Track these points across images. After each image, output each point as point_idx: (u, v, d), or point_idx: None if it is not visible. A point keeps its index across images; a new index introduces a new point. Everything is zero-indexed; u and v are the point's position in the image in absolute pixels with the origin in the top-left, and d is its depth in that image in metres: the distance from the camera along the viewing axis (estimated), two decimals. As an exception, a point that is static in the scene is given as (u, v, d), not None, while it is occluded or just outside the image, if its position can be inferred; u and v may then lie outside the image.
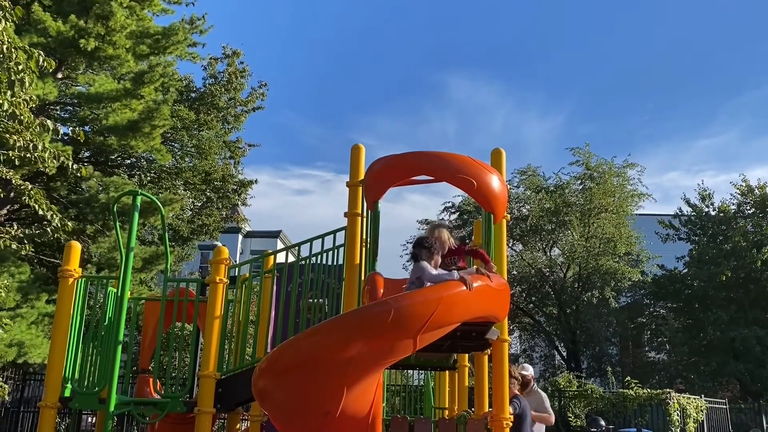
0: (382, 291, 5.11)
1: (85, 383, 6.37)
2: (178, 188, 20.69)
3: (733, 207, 28.28)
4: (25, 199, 10.69)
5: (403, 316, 4.13)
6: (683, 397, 17.12)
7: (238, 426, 7.51)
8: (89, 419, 17.89)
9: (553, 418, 7.34)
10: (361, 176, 6.01)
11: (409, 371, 16.72)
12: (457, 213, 30.25)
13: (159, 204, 7.11)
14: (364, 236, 6.26)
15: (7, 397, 11.22)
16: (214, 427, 15.08)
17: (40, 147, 8.98)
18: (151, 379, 7.64)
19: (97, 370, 6.43)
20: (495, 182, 5.12)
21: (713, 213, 28.38)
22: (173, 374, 6.62)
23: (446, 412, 9.97)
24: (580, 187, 28.41)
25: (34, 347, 13.37)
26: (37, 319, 13.94)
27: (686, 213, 29.23)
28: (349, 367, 4.19)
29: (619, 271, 27.24)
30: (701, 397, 18.32)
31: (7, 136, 8.56)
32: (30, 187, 10.64)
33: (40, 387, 17.17)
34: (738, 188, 28.23)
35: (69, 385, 6.26)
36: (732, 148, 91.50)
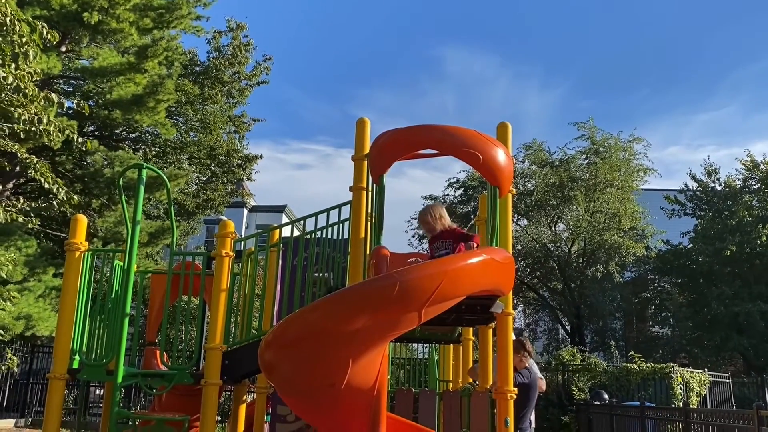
0: (387, 265, 5.11)
1: (93, 355, 6.43)
2: (183, 163, 20.72)
3: (738, 182, 28.17)
4: (30, 173, 10.75)
5: (408, 289, 4.14)
6: (686, 371, 17.20)
7: (244, 398, 7.58)
8: (97, 391, 18.12)
9: (544, 383, 7.46)
10: (366, 150, 5.99)
11: (413, 344, 16.83)
12: (462, 188, 30.20)
13: (165, 177, 7.10)
14: (370, 210, 6.27)
15: (16, 369, 11.34)
16: (221, 399, 15.26)
17: (45, 120, 9.00)
18: (158, 352, 7.71)
19: (104, 343, 6.48)
20: (501, 156, 5.09)
21: (719, 188, 28.29)
22: (180, 347, 6.68)
23: (450, 384, 10.05)
24: (586, 161, 28.29)
25: (41, 320, 13.50)
26: (44, 292, 14.05)
27: (691, 188, 29.14)
28: (355, 340, 4.21)
29: (623, 246, 27.22)
30: (704, 371, 18.41)
31: (12, 109, 8.57)
32: (36, 160, 10.69)
33: (49, 359, 17.37)
34: (743, 163, 28.12)
35: (77, 357, 6.32)
36: (732, 122, 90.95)
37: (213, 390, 6.04)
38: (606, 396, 15.09)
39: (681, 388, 16.24)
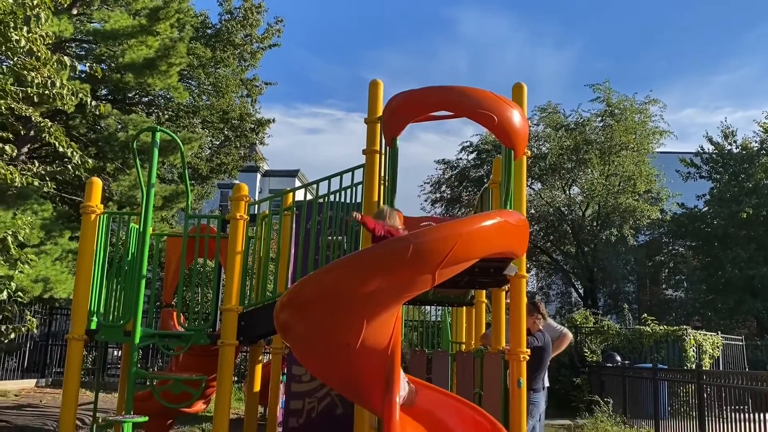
0: (401, 228, 5.12)
1: (111, 317, 6.52)
2: (196, 127, 20.70)
3: (755, 144, 27.82)
4: (45, 137, 10.77)
5: (422, 251, 4.14)
6: (699, 334, 17.22)
7: (260, 358, 7.69)
8: (115, 352, 18.43)
9: (570, 334, 7.50)
10: (379, 112, 5.95)
11: (426, 307, 16.96)
12: (475, 152, 30.03)
13: (178, 140, 7.12)
14: (383, 174, 6.25)
15: (35, 331, 11.54)
16: (237, 360, 15.48)
17: (58, 84, 8.99)
18: (174, 313, 7.81)
19: (121, 305, 6.57)
20: (516, 117, 5.05)
21: (735, 151, 27.96)
22: (196, 309, 6.76)
23: (463, 346, 10.14)
24: (601, 124, 27.99)
25: (59, 283, 13.67)
26: (61, 255, 14.20)
27: (708, 151, 28.82)
28: (369, 301, 4.23)
29: (638, 210, 27.06)
30: (718, 334, 18.43)
31: (25, 72, 8.57)
32: (50, 124, 10.72)
33: (67, 321, 17.66)
34: (761, 125, 27.72)
35: (95, 319, 6.41)
36: (750, 83, 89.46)
37: (229, 350, 6.12)
38: (618, 358, 15.16)
39: (694, 351, 16.27)
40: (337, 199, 7.12)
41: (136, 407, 6.32)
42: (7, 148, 8.78)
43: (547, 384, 6.94)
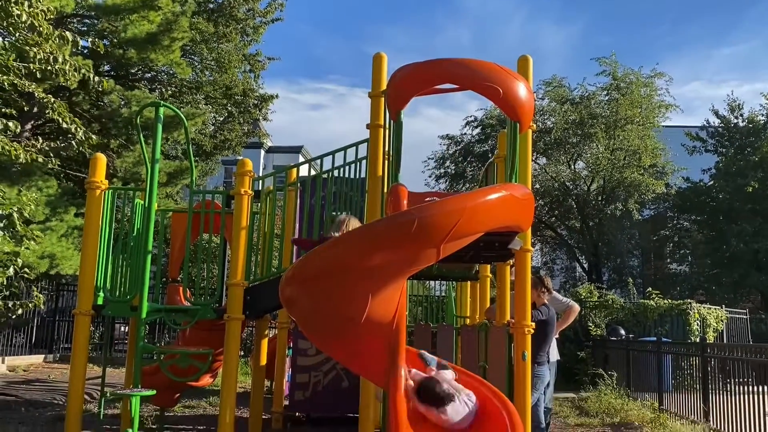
0: (405, 202, 5.10)
1: (117, 293, 6.56)
2: (199, 103, 20.64)
3: (762, 118, 27.64)
4: (48, 113, 10.75)
5: (426, 225, 4.14)
6: (704, 308, 17.25)
7: (266, 332, 7.74)
8: (122, 328, 18.58)
9: (576, 306, 7.51)
10: (383, 86, 5.92)
11: (431, 282, 17.00)
12: (480, 127, 29.91)
13: (182, 116, 7.09)
14: (387, 148, 6.23)
15: (43, 307, 11.61)
16: (244, 334, 15.59)
17: (60, 59, 8.95)
18: (180, 288, 7.85)
19: (127, 280, 6.61)
20: (522, 90, 5.01)
21: (742, 124, 27.78)
22: (202, 285, 6.79)
23: (468, 321, 10.19)
24: (606, 98, 27.81)
25: (65, 259, 13.74)
26: (66, 231, 14.26)
27: (714, 124, 28.66)
28: (374, 275, 4.24)
29: (643, 184, 26.98)
30: (722, 308, 18.46)
31: (27, 48, 8.52)
32: (53, 100, 10.69)
33: (74, 297, 17.77)
34: (768, 98, 27.56)
35: (101, 294, 6.45)
36: (757, 56, 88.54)
37: (235, 324, 6.16)
38: (622, 332, 15.21)
39: (698, 325, 16.32)
40: (342, 175, 7.11)
41: (144, 381, 6.38)
42: (10, 124, 8.76)
43: (556, 357, 6.97)
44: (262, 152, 43.58)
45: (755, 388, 7.25)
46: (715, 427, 8.07)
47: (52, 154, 11.16)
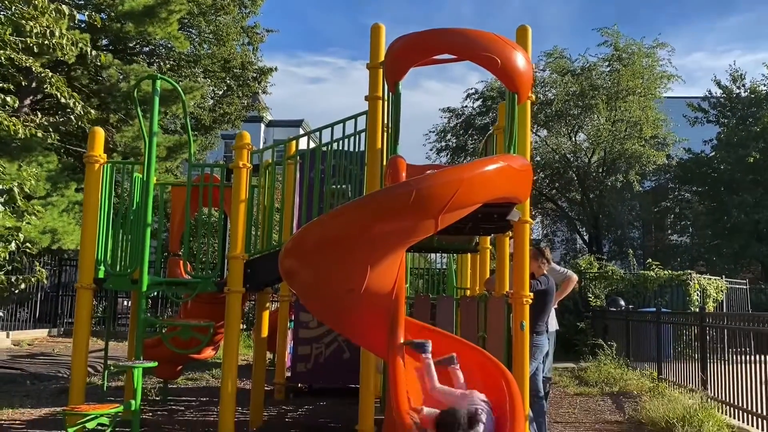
0: (404, 174, 5.11)
1: (118, 267, 6.59)
2: (197, 76, 20.54)
3: (764, 88, 27.48)
4: (46, 88, 10.71)
5: (424, 196, 4.15)
6: (704, 278, 17.31)
7: (267, 305, 7.79)
8: (125, 303, 18.69)
9: (575, 276, 7.54)
10: (382, 57, 5.88)
11: (431, 255, 17.05)
12: (480, 99, 29.74)
13: (179, 88, 7.06)
14: (386, 120, 6.21)
15: (45, 281, 11.68)
16: (245, 308, 15.68)
17: (57, 33, 8.90)
18: (181, 262, 7.89)
19: (128, 255, 6.63)
20: (520, 60, 4.98)
21: (744, 94, 27.62)
22: (203, 259, 6.81)
23: (468, 292, 10.24)
24: (608, 69, 27.61)
25: (66, 234, 13.78)
26: (67, 207, 14.28)
27: (715, 95, 28.49)
28: (373, 246, 4.26)
29: (644, 155, 26.89)
30: (722, 278, 18.53)
31: (23, 22, 8.46)
32: (51, 75, 10.64)
33: (76, 272, 17.86)
34: (771, 68, 27.37)
35: (102, 268, 6.48)
36: (758, 26, 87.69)
37: (236, 297, 6.20)
38: (622, 303, 15.28)
39: (698, 295, 16.39)
40: (341, 148, 7.09)
41: (146, 354, 6.44)
42: (8, 99, 8.73)
43: (555, 327, 7.02)
44: (262, 126, 43.44)
45: (753, 357, 7.30)
46: (713, 395, 8.15)
47: (51, 129, 11.15)
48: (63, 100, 10.56)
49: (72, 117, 11.05)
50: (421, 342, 4.43)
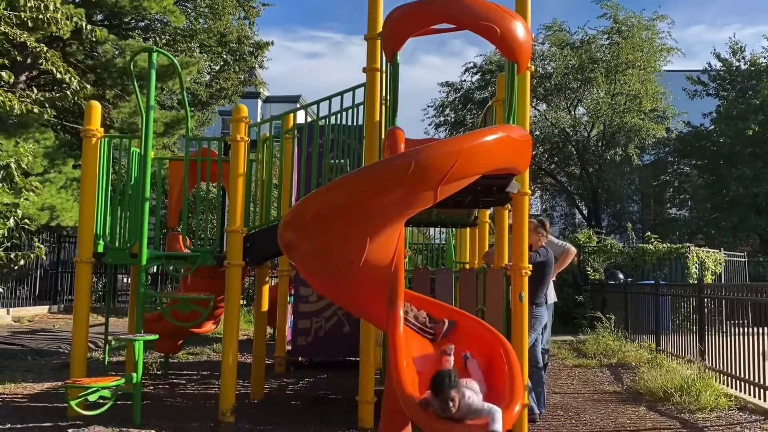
0: (402, 146, 5.08)
1: (117, 242, 6.59)
2: (193, 51, 20.39)
3: (763, 60, 27.33)
4: (41, 63, 10.63)
5: (423, 168, 4.13)
6: (702, 251, 17.35)
7: (267, 279, 7.80)
8: (124, 279, 18.73)
9: (573, 249, 7.56)
10: (379, 28, 5.82)
11: (431, 231, 17.08)
12: (479, 73, 29.57)
13: (176, 62, 7.00)
14: (384, 93, 6.17)
15: (44, 257, 11.70)
16: (245, 284, 15.72)
17: (51, 7, 8.81)
18: (180, 237, 7.89)
19: (126, 230, 6.63)
20: (519, 29, 4.93)
21: (743, 67, 27.47)
22: (201, 235, 6.81)
23: (467, 266, 10.25)
24: (607, 42, 27.42)
25: (65, 210, 13.77)
26: (65, 183, 14.25)
27: (715, 68, 28.34)
28: (371, 218, 4.25)
29: (643, 129, 26.82)
30: (720, 251, 18.57)
31: (17, -5, 8.37)
32: (46, 49, 10.55)
33: (75, 249, 17.88)
34: (771, 40, 27.20)
35: (101, 242, 6.47)
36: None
37: (236, 271, 6.20)
38: (621, 276, 15.33)
39: (696, 268, 16.44)
40: (339, 122, 7.05)
41: (147, 328, 6.46)
42: (3, 74, 8.67)
43: (554, 299, 7.04)
44: (260, 102, 43.25)
45: (751, 329, 7.34)
46: (711, 365, 8.21)
47: (47, 105, 11.06)
48: (59, 76, 10.49)
49: (68, 93, 10.97)
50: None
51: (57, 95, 12.04)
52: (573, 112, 28.94)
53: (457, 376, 3.86)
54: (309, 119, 7.44)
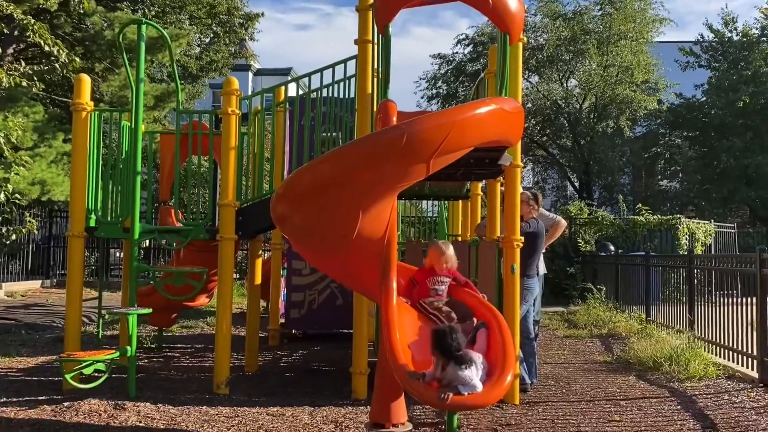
0: (395, 118, 5.07)
1: (109, 216, 6.57)
2: (183, 23, 20.17)
3: (756, 31, 27.27)
4: (29, 35, 10.49)
5: (416, 140, 4.12)
6: (692, 222, 17.47)
7: (260, 253, 7.81)
8: (117, 254, 18.72)
9: (564, 221, 7.60)
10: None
11: (423, 204, 17.07)
12: (471, 45, 29.40)
13: (165, 34, 6.93)
14: (375, 66, 6.14)
15: (36, 232, 11.67)
16: (238, 257, 15.74)
17: (37, -21, 8.67)
18: (172, 210, 7.87)
19: (118, 204, 6.61)
20: (511, 0, 4.90)
21: (735, 38, 27.42)
22: (194, 209, 6.79)
23: (459, 238, 10.29)
24: (599, 13, 27.28)
25: (56, 185, 13.71)
26: (56, 158, 14.17)
27: (707, 39, 28.27)
28: (364, 191, 4.25)
29: (635, 100, 26.81)
30: (710, 222, 18.70)
31: (3, -34, 8.24)
32: (33, 21, 10.42)
33: (67, 224, 17.84)
34: (762, 11, 27.12)
35: (93, 216, 6.46)
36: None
37: (229, 245, 6.21)
38: (612, 247, 15.44)
39: (686, 239, 16.56)
40: (330, 94, 7.01)
41: (140, 302, 6.47)
42: (-10, 47, 8.55)
43: (543, 271, 7.09)
44: (250, 75, 42.92)
45: (740, 299, 7.42)
46: (700, 335, 8.31)
47: (36, 78, 10.96)
48: (47, 49, 10.37)
49: (57, 66, 10.85)
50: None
51: (45, 68, 11.91)
52: (565, 84, 28.87)
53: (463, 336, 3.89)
54: (300, 92, 7.39)
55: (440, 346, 3.77)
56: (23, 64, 11.53)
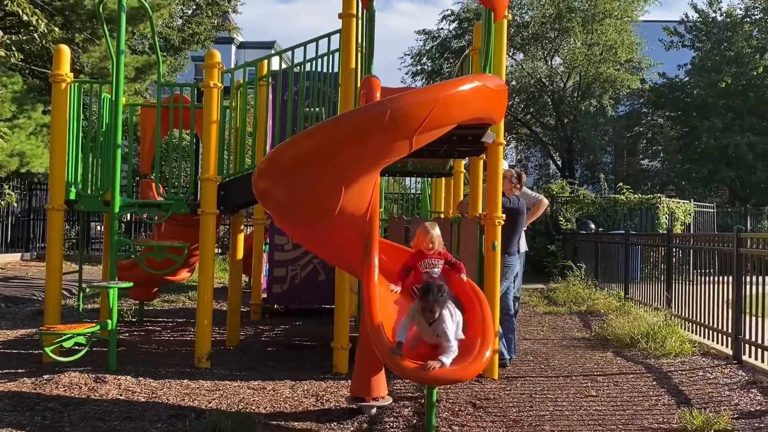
0: (378, 94, 5.05)
1: (89, 189, 6.51)
2: (165, -7, 19.80)
3: (740, 12, 27.38)
4: (6, 4, 10.30)
5: (399, 116, 4.11)
6: (672, 202, 17.65)
7: (242, 228, 7.80)
8: (98, 227, 18.58)
9: (545, 200, 7.64)
10: (356, -27, 5.73)
11: (407, 181, 17.11)
12: (456, 21, 29.25)
13: (146, 5, 6.82)
14: (360, 40, 6.10)
15: (15, 204, 11.54)
16: (220, 233, 15.69)
17: (15, -54, 8.49)
18: (153, 184, 7.82)
19: (98, 178, 6.55)
20: (496, -23, 4.89)
21: (720, 18, 27.52)
22: (175, 183, 6.75)
23: (442, 215, 10.34)
24: (585, -11, 27.23)
25: (35, 157, 13.53)
26: (35, 129, 13.97)
27: (692, 19, 28.35)
28: (347, 167, 4.25)
29: (618, 79, 26.89)
30: (690, 201, 18.90)
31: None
32: (11, -10, 10.21)
33: (47, 196, 17.65)
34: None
35: (73, 189, 6.40)
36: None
37: (210, 219, 6.19)
38: (593, 226, 15.57)
39: (666, 218, 16.74)
40: (314, 69, 6.96)
41: (121, 276, 6.44)
42: (-33, 16, 8.38)
43: (524, 248, 7.14)
44: (233, 48, 42.44)
45: (717, 278, 7.53)
46: (677, 313, 8.44)
47: (14, 48, 10.77)
48: (25, 18, 10.20)
49: (35, 36, 10.66)
50: None
51: (24, 38, 11.69)
52: (549, 62, 28.86)
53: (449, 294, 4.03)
54: (284, 66, 7.33)
55: (429, 295, 3.89)
56: (1, 33, 11.30)
